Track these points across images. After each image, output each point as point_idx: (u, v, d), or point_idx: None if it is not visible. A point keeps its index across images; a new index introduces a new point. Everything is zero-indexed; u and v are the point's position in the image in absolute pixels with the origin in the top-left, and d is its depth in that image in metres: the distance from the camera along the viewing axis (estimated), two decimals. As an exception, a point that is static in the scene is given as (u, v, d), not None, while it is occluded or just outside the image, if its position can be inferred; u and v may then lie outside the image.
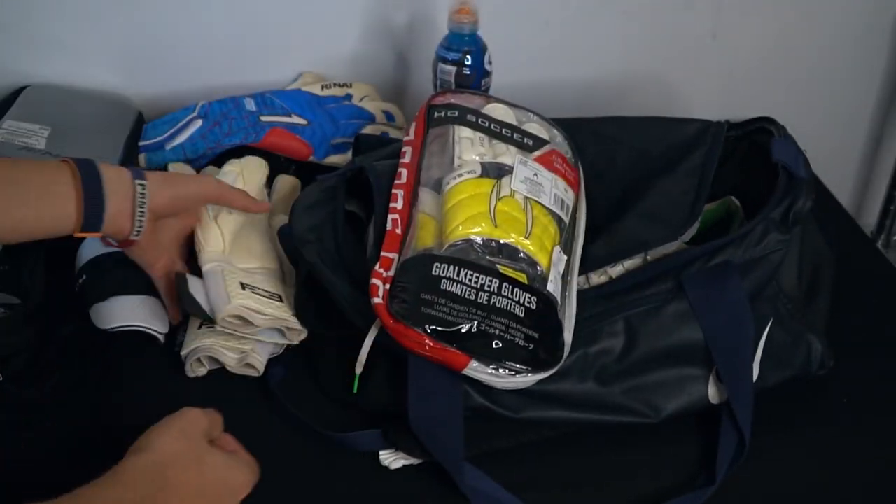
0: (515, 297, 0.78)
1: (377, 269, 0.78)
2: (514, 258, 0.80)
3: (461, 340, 0.75)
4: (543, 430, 0.83)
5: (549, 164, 0.88)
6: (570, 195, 0.88)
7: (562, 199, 0.86)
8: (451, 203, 0.82)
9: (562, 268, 0.83)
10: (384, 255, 0.79)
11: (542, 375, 0.77)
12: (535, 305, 0.78)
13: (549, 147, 0.90)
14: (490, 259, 0.80)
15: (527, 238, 0.81)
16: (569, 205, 0.87)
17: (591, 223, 0.89)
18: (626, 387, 0.82)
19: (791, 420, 0.86)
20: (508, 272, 0.79)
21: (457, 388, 0.79)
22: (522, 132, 0.91)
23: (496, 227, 0.81)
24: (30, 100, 1.09)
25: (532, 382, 0.78)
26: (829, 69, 1.45)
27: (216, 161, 1.08)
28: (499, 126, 0.90)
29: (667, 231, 0.87)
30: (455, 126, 0.89)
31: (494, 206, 0.82)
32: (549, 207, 0.84)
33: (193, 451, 0.66)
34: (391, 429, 0.80)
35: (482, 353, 0.75)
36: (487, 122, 0.90)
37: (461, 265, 0.78)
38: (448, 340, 0.75)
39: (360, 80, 1.23)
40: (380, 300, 0.76)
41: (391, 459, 0.81)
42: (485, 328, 0.76)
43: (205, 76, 1.19)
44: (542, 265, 0.81)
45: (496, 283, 0.78)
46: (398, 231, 0.81)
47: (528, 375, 0.77)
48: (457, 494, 0.77)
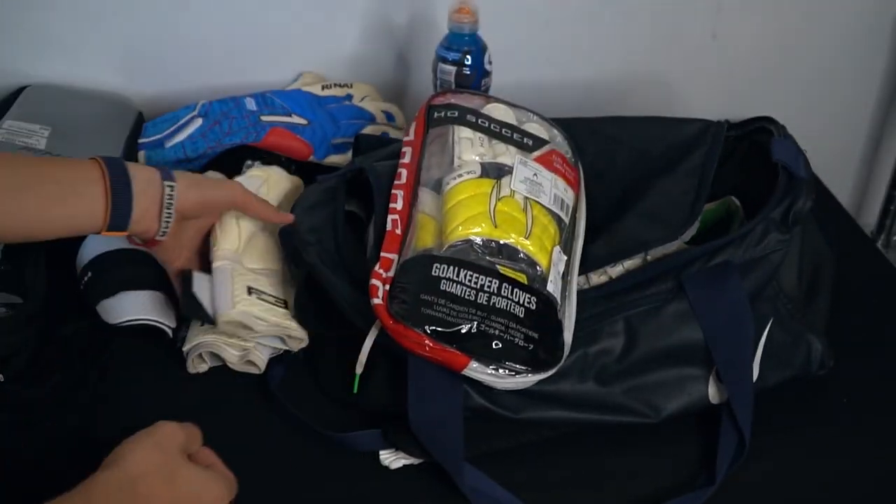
0: (515, 298, 0.78)
1: (377, 270, 0.78)
2: (514, 258, 0.80)
3: (461, 341, 0.75)
4: (543, 431, 0.83)
5: (549, 165, 0.88)
6: (570, 195, 0.88)
7: (562, 199, 0.86)
8: (451, 203, 0.82)
9: (562, 268, 0.83)
10: (384, 256, 0.79)
11: (542, 376, 0.77)
12: (535, 306, 0.78)
13: (549, 147, 0.90)
14: (490, 259, 0.80)
15: (527, 238, 0.81)
16: (569, 205, 0.87)
17: (591, 223, 0.89)
18: (626, 387, 0.82)
19: (791, 420, 0.86)
20: (508, 272, 0.79)
21: (457, 389, 0.79)
22: (522, 132, 0.91)
23: (496, 228, 0.81)
24: (30, 100, 1.09)
25: (532, 383, 0.78)
26: (829, 69, 1.45)
27: (216, 161, 1.08)
28: (499, 126, 0.90)
29: (667, 231, 0.87)
30: (455, 126, 0.89)
31: (494, 207, 0.82)
32: (549, 207, 0.84)
33: (167, 465, 0.65)
34: (391, 429, 0.80)
35: (482, 354, 0.75)
36: (487, 123, 0.90)
37: (461, 265, 0.78)
38: (448, 341, 0.75)
39: (361, 81, 1.23)
40: (380, 301, 0.76)
41: (391, 459, 0.81)
42: (485, 329, 0.76)
43: (205, 76, 1.19)
44: (542, 265, 0.81)
45: (496, 284, 0.78)
46: (398, 231, 0.81)
47: (528, 376, 0.77)
48: (457, 494, 0.77)
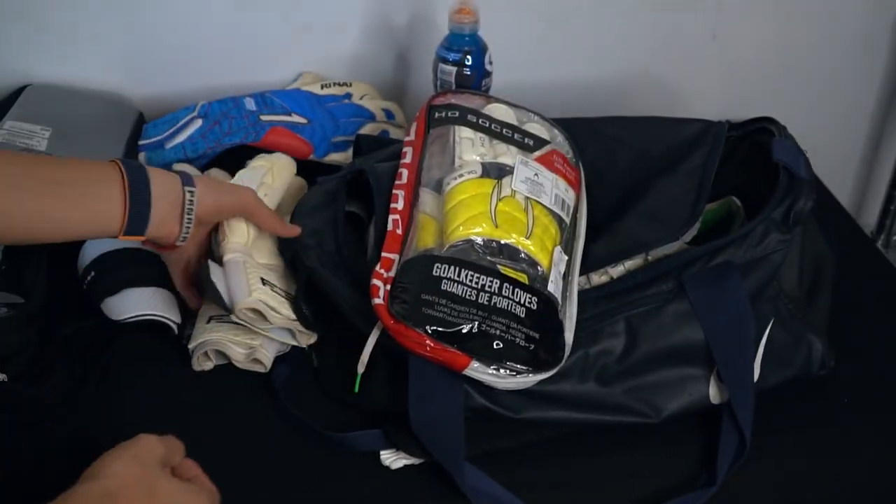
0: (516, 298, 0.78)
1: (378, 270, 0.78)
2: (515, 258, 0.80)
3: (462, 341, 0.75)
4: (544, 431, 0.83)
5: (550, 165, 0.88)
6: (571, 195, 0.88)
7: (562, 200, 0.86)
8: (452, 203, 0.82)
9: (562, 268, 0.83)
10: (385, 256, 0.79)
11: (543, 376, 0.77)
12: (536, 306, 0.78)
13: (550, 147, 0.90)
14: (491, 259, 0.80)
15: (527, 238, 0.81)
16: (570, 205, 0.87)
17: (592, 223, 0.89)
18: (627, 387, 0.82)
19: (792, 420, 0.85)
20: (509, 272, 0.79)
21: (457, 389, 0.79)
22: (523, 132, 0.91)
23: (497, 228, 0.81)
24: (30, 100, 1.09)
25: (533, 383, 0.78)
26: (829, 69, 1.45)
27: (216, 160, 1.08)
28: (499, 126, 0.90)
29: (668, 231, 0.87)
30: (456, 126, 0.89)
31: (495, 207, 0.82)
32: (550, 208, 0.84)
33: (147, 479, 0.64)
34: (392, 429, 0.80)
35: (483, 354, 0.75)
36: (488, 123, 0.90)
37: (462, 266, 0.78)
38: (449, 341, 0.75)
39: (360, 80, 1.23)
40: (380, 301, 0.76)
41: (392, 459, 0.80)
42: (485, 329, 0.76)
43: (205, 76, 1.19)
44: (543, 265, 0.81)
45: (497, 284, 0.78)
46: (399, 232, 0.81)
47: (529, 376, 0.77)
48: (457, 494, 0.77)
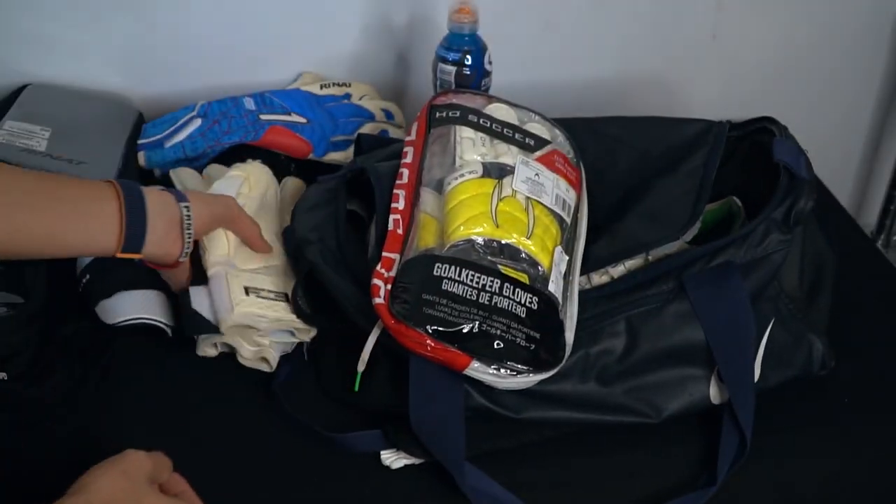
0: (517, 298, 0.78)
1: (378, 270, 0.78)
2: (516, 258, 0.80)
3: (462, 341, 0.75)
4: (544, 431, 0.83)
5: (551, 165, 0.88)
6: (572, 195, 0.88)
7: (563, 200, 0.86)
8: (453, 203, 0.82)
9: (563, 268, 0.83)
10: (385, 256, 0.79)
11: (544, 376, 0.77)
12: (537, 306, 0.78)
13: (551, 147, 0.90)
14: (491, 259, 0.80)
15: (528, 238, 0.81)
16: (570, 205, 0.87)
17: (593, 223, 0.89)
18: (628, 387, 0.82)
19: (792, 420, 0.85)
20: (510, 272, 0.79)
21: (458, 389, 0.79)
22: (524, 132, 0.91)
23: (498, 228, 0.81)
24: (30, 100, 1.09)
25: (533, 383, 0.78)
26: (829, 69, 1.45)
27: (215, 160, 1.08)
28: (500, 126, 0.90)
29: (668, 231, 0.87)
30: (456, 126, 0.89)
31: (496, 207, 0.82)
32: (551, 208, 0.84)
33: (134, 494, 0.64)
34: (392, 429, 0.80)
35: (483, 354, 0.75)
36: (489, 123, 0.90)
37: (463, 265, 0.78)
38: (449, 341, 0.75)
39: (360, 80, 1.23)
40: (381, 300, 0.76)
41: (392, 459, 0.80)
42: (486, 328, 0.76)
43: (205, 76, 1.19)
44: (544, 265, 0.81)
45: (497, 284, 0.78)
46: (399, 231, 0.81)
47: (530, 376, 0.76)
48: (457, 494, 0.77)
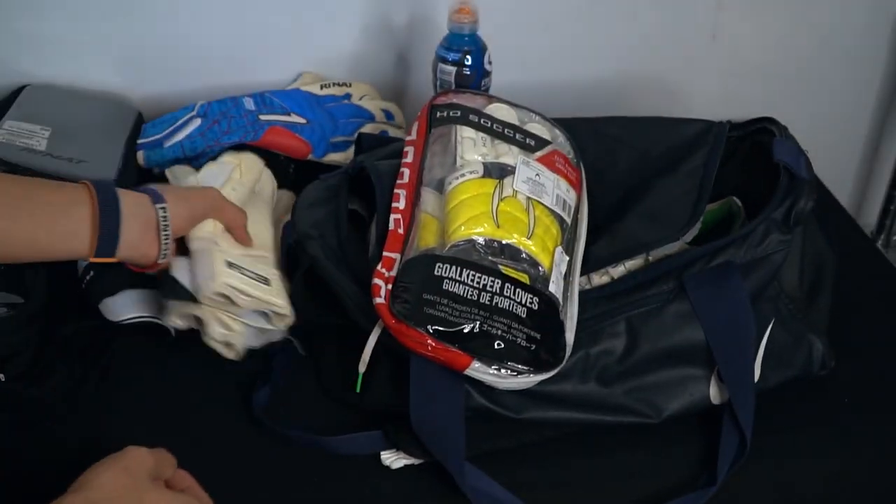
0: (517, 298, 0.78)
1: (379, 269, 0.78)
2: (517, 259, 0.80)
3: (463, 341, 0.75)
4: (545, 431, 0.83)
5: (552, 165, 0.88)
6: (572, 195, 0.88)
7: (564, 200, 0.86)
8: (454, 203, 0.82)
9: (564, 268, 0.82)
10: (386, 255, 0.79)
11: (544, 376, 0.77)
12: (537, 306, 0.78)
13: (552, 147, 0.90)
14: (492, 259, 0.80)
15: (529, 238, 0.81)
16: (571, 205, 0.87)
17: (593, 223, 0.89)
18: (628, 387, 0.82)
19: (792, 420, 0.86)
20: (510, 273, 0.79)
21: (458, 389, 0.78)
22: (525, 132, 0.91)
23: (498, 228, 0.81)
24: (30, 100, 1.09)
25: (534, 383, 0.78)
26: (829, 69, 1.45)
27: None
28: (501, 126, 0.90)
29: (668, 231, 0.87)
30: (457, 126, 0.88)
31: (496, 207, 0.82)
32: (551, 208, 0.84)
33: (135, 490, 0.63)
34: (392, 429, 0.80)
35: (484, 354, 0.75)
36: (490, 123, 0.90)
37: (463, 265, 0.78)
38: (450, 341, 0.75)
39: (360, 81, 1.23)
40: (382, 300, 0.76)
41: (392, 459, 0.81)
42: (487, 329, 0.76)
43: (205, 76, 1.19)
44: (544, 266, 0.81)
45: (498, 284, 0.78)
46: (400, 231, 0.81)
47: (530, 376, 0.76)
48: (457, 494, 0.77)
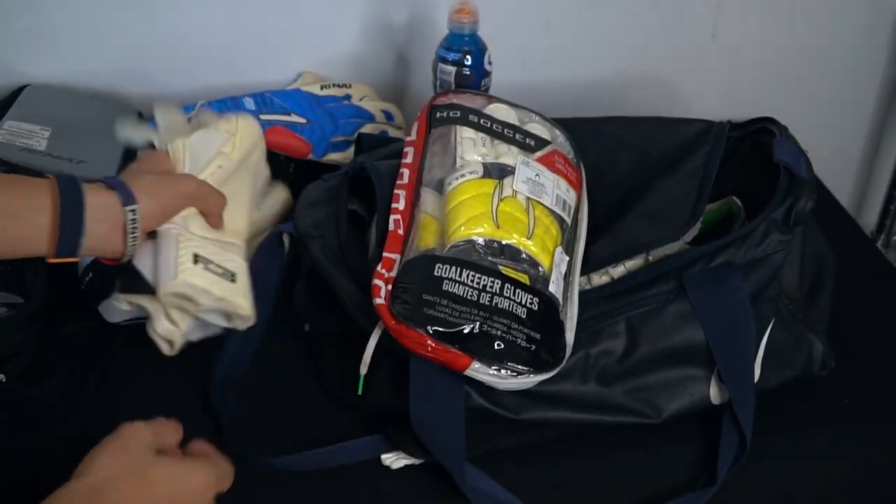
0: (517, 298, 0.78)
1: (379, 270, 0.78)
2: (516, 259, 0.80)
3: (463, 341, 0.75)
4: (545, 431, 0.83)
5: (551, 165, 0.88)
6: (572, 196, 0.88)
7: (564, 200, 0.86)
8: (453, 204, 0.82)
9: (563, 268, 0.82)
10: (386, 256, 0.79)
11: (544, 376, 0.77)
12: (537, 306, 0.78)
13: (551, 147, 0.90)
14: (492, 260, 0.79)
15: (529, 239, 0.81)
16: (571, 205, 0.87)
17: (593, 224, 0.89)
18: (628, 387, 0.82)
19: (792, 420, 0.86)
20: (510, 273, 0.79)
21: (458, 389, 0.78)
22: (524, 132, 0.91)
23: (498, 228, 0.81)
24: (30, 100, 1.09)
25: (534, 383, 0.78)
26: (829, 69, 1.45)
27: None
28: (501, 126, 0.90)
29: (668, 231, 0.87)
30: (457, 126, 0.88)
31: (496, 207, 0.82)
32: (551, 208, 0.84)
33: (137, 466, 0.63)
34: (392, 429, 0.80)
35: (484, 354, 0.75)
36: (489, 123, 0.90)
37: (463, 266, 0.78)
38: (450, 341, 0.75)
39: (360, 81, 1.23)
40: (382, 301, 0.76)
41: (392, 459, 0.81)
42: (487, 329, 0.75)
43: (205, 76, 1.19)
44: (544, 266, 0.81)
45: (498, 284, 0.78)
46: (400, 231, 0.81)
47: (530, 376, 0.76)
48: (457, 494, 0.77)
